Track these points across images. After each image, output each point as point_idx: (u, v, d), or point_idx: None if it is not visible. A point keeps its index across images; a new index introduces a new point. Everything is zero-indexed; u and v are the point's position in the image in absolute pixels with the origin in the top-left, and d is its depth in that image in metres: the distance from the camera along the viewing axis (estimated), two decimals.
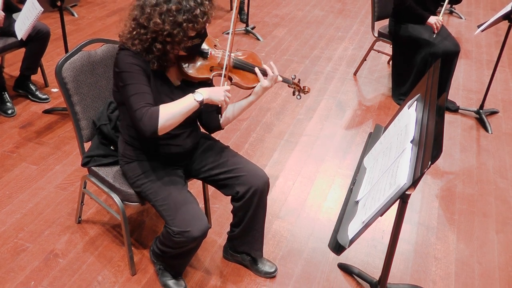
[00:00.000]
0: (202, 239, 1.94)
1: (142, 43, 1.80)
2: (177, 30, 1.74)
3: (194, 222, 1.87)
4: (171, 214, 1.90)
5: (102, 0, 5.64)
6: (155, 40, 1.78)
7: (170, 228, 1.88)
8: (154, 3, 1.74)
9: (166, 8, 1.73)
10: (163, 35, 1.75)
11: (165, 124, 1.76)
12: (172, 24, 1.73)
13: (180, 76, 1.96)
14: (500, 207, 2.90)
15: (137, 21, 1.79)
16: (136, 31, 1.80)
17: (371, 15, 4.03)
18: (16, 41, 3.30)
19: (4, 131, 3.23)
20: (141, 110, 1.76)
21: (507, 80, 4.44)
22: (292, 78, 2.16)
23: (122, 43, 1.86)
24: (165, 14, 1.73)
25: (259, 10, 5.68)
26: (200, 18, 1.75)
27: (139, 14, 1.78)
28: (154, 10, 1.74)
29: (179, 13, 1.73)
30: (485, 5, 6.46)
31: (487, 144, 3.49)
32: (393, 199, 1.39)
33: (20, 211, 2.59)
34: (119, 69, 1.82)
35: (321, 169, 3.12)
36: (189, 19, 1.74)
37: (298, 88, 2.18)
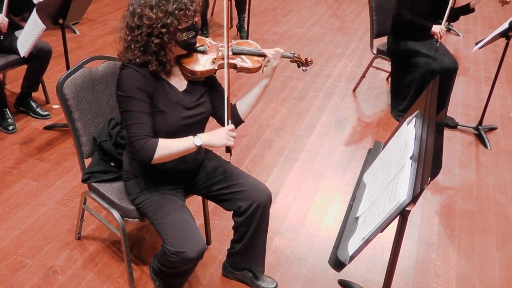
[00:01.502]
0: (198, 260, 1.92)
1: (139, 44, 1.81)
2: (170, 19, 1.77)
3: (190, 243, 1.85)
4: (167, 233, 1.89)
5: (103, 18, 5.69)
6: (151, 35, 1.79)
7: (167, 248, 1.87)
8: (142, 2, 1.79)
9: (155, 1, 1.77)
10: (158, 27, 1.78)
11: (159, 159, 1.84)
12: (164, 14, 1.77)
13: (185, 77, 1.97)
14: (501, 223, 2.89)
15: (130, 27, 1.82)
16: (131, 36, 1.82)
17: (370, 32, 4.07)
18: (18, 58, 3.32)
19: (5, 147, 3.23)
20: (138, 142, 1.81)
21: (505, 97, 4.46)
22: (292, 53, 2.16)
23: (122, 61, 1.88)
24: (156, 6, 1.77)
25: (259, 28, 5.74)
26: (189, 5, 1.80)
27: (130, 19, 1.82)
28: (144, 6, 1.78)
29: (169, 3, 1.77)
30: (483, 22, 6.52)
31: (486, 160, 3.49)
32: (393, 215, 1.39)
33: (19, 227, 2.58)
34: (120, 92, 1.84)
35: (321, 185, 3.12)
36: (179, 7, 1.78)
37: (301, 60, 2.17)
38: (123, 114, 1.85)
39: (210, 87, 2.06)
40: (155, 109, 1.88)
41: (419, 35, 3.72)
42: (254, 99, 2.10)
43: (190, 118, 1.95)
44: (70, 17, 3.19)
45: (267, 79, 2.08)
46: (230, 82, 1.97)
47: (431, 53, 3.68)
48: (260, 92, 2.09)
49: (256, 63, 2.05)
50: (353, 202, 1.80)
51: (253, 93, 2.10)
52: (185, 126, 1.94)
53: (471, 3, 3.63)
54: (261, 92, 2.09)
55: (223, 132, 1.87)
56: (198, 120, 1.99)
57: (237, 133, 1.93)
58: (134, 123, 1.82)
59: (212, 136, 1.86)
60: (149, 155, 1.81)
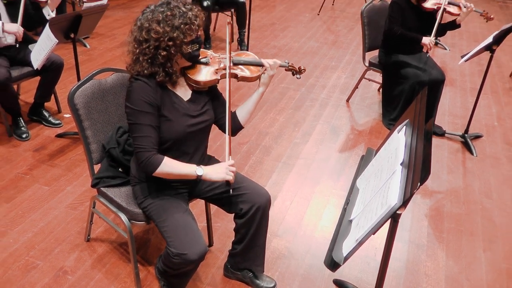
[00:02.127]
0: (199, 262, 1.91)
1: (147, 56, 1.82)
2: (176, 33, 1.78)
3: (192, 246, 1.85)
4: (170, 236, 1.89)
5: (112, 33, 5.71)
6: (158, 47, 1.80)
7: (170, 250, 1.86)
8: (150, 17, 1.80)
9: (162, 16, 1.78)
10: (164, 40, 1.79)
11: (160, 174, 1.87)
12: (171, 28, 1.78)
13: (190, 87, 1.98)
14: (486, 226, 2.89)
15: (138, 40, 1.83)
16: (139, 49, 1.83)
17: (362, 46, 4.08)
18: (31, 70, 3.33)
19: (19, 154, 3.23)
20: (144, 153, 1.83)
21: (489, 106, 4.47)
22: (287, 62, 2.19)
23: (131, 73, 1.88)
24: (163, 21, 1.78)
25: (258, 42, 5.75)
26: (194, 20, 1.82)
27: (138, 34, 1.83)
28: (152, 21, 1.79)
29: (175, 18, 1.79)
30: (468, 37, 6.55)
31: (473, 166, 3.49)
32: (384, 218, 1.39)
33: (32, 230, 2.57)
34: (130, 104, 1.84)
35: (317, 190, 3.11)
36: (185, 22, 1.80)
37: (295, 69, 2.21)
38: (131, 125, 1.86)
39: (213, 96, 2.07)
40: (162, 118, 1.89)
41: (409, 48, 3.74)
42: (252, 106, 2.12)
43: (195, 125, 1.96)
44: (81, 31, 3.20)
45: (263, 87, 2.10)
46: (231, 93, 1.97)
47: (420, 65, 3.69)
48: (258, 99, 2.11)
49: (255, 72, 2.08)
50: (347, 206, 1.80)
51: (251, 100, 2.12)
52: (191, 133, 1.95)
53: (457, 19, 3.65)
54: (258, 99, 2.11)
55: (223, 167, 1.90)
56: (202, 128, 2.00)
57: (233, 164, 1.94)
58: (141, 135, 1.84)
59: (213, 170, 1.90)
60: (152, 169, 1.84)
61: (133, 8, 6.81)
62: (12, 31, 3.15)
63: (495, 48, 3.40)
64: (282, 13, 7.09)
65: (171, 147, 1.95)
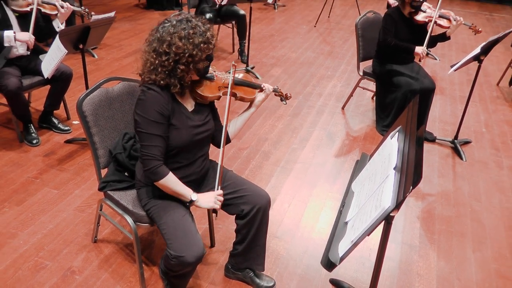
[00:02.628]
0: (196, 264, 1.90)
1: (165, 68, 1.82)
2: (196, 50, 1.80)
3: (189, 248, 1.84)
4: (170, 238, 1.89)
5: (119, 44, 5.72)
6: (178, 62, 1.81)
7: (169, 251, 1.86)
8: (172, 31, 1.79)
9: (185, 33, 1.78)
10: (185, 56, 1.79)
11: (160, 185, 1.91)
12: (192, 45, 1.79)
13: (194, 99, 2.00)
14: (476, 227, 2.88)
15: (157, 51, 1.82)
16: (158, 60, 1.82)
17: (357, 56, 4.09)
18: (42, 79, 3.34)
19: (29, 159, 3.23)
20: (151, 161, 1.85)
21: (478, 114, 4.47)
22: (276, 88, 2.28)
23: (144, 81, 1.87)
24: (185, 38, 1.78)
25: (258, 52, 5.77)
26: (211, 40, 1.84)
27: (158, 45, 1.81)
28: (174, 36, 1.78)
29: (196, 36, 1.80)
30: (457, 48, 6.56)
31: (462, 171, 3.49)
32: (378, 220, 1.39)
33: (41, 232, 2.57)
34: (141, 113, 1.83)
35: (314, 193, 3.11)
36: (204, 41, 1.81)
37: (282, 95, 2.32)
38: (141, 134, 1.85)
39: (212, 109, 2.10)
40: (171, 126, 1.89)
41: (401, 58, 3.75)
42: (241, 123, 2.16)
43: (200, 134, 1.97)
44: (89, 42, 3.21)
45: (254, 108, 2.17)
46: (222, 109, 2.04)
47: (412, 75, 3.70)
48: (248, 117, 2.18)
49: (251, 94, 2.14)
50: (342, 208, 1.80)
51: (241, 118, 2.16)
52: (196, 141, 1.97)
53: (447, 32, 3.66)
54: (248, 118, 2.18)
55: (212, 196, 1.95)
56: (206, 136, 2.02)
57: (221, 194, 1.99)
58: (151, 145, 1.84)
59: (203, 198, 1.95)
60: (157, 178, 1.87)
61: (139, 20, 6.83)
62: (24, 40, 3.15)
63: (483, 58, 3.41)
64: (281, 25, 7.11)
65: (178, 153, 1.95)
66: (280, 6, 8.32)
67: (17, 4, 3.20)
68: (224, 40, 5.98)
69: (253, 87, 2.15)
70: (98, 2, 7.68)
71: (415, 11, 3.61)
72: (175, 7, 7.46)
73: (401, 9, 3.65)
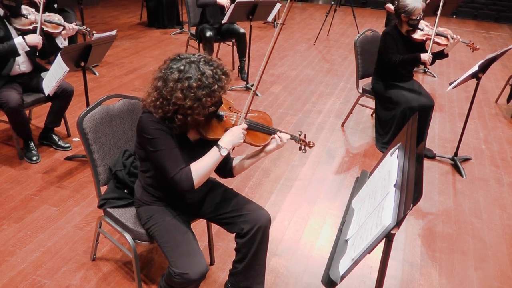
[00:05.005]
0: (200, 281, 1.88)
1: (165, 113, 1.78)
2: (197, 103, 1.74)
3: (193, 265, 1.82)
4: (172, 255, 1.87)
5: (120, 61, 5.77)
6: (177, 111, 1.76)
7: (172, 269, 1.84)
8: (176, 78, 1.74)
9: (187, 85, 1.72)
10: (184, 108, 1.74)
11: (199, 181, 1.82)
12: (193, 100, 1.73)
13: (197, 134, 1.94)
14: (477, 245, 2.86)
15: (160, 92, 1.77)
16: (159, 101, 1.77)
17: (356, 74, 4.12)
18: (43, 96, 3.35)
19: (29, 176, 3.22)
20: (175, 176, 1.78)
21: (477, 131, 4.48)
22: (299, 134, 2.08)
23: (145, 106, 1.85)
24: (187, 90, 1.72)
25: (257, 70, 5.80)
26: (217, 92, 1.76)
27: (162, 86, 1.77)
28: (176, 85, 1.73)
29: (199, 89, 1.73)
30: (455, 65, 6.62)
31: (462, 188, 3.48)
32: (379, 238, 1.38)
33: (39, 249, 2.54)
34: (148, 135, 1.79)
35: (314, 210, 3.09)
36: (208, 94, 1.74)
37: (304, 143, 2.11)
38: (154, 154, 1.80)
39: None
40: None
41: (400, 76, 3.77)
42: (248, 165, 2.08)
43: None
44: (91, 60, 3.23)
45: (264, 154, 2.02)
46: None
47: (410, 92, 3.72)
48: (255, 161, 2.06)
49: (262, 141, 1.98)
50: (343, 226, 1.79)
51: (249, 160, 2.06)
52: None
53: (445, 49, 3.69)
54: (256, 161, 2.06)
55: (239, 131, 1.83)
56: None
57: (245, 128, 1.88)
58: (170, 159, 1.79)
59: (232, 138, 1.82)
60: (189, 184, 1.79)
61: (140, 38, 6.90)
62: (34, 43, 3.18)
63: (481, 76, 3.43)
64: (280, 43, 7.18)
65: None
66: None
67: (20, 23, 3.24)
68: (224, 58, 6.03)
69: (266, 133, 1.98)
70: (100, 21, 7.78)
71: (413, 29, 3.65)
72: (176, 25, 7.55)
73: (399, 27, 3.69)
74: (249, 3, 4.68)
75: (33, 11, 3.33)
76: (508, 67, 6.58)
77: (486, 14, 10.15)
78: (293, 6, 10.56)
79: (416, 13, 3.54)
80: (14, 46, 3.10)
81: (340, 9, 9.44)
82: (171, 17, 7.53)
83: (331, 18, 7.80)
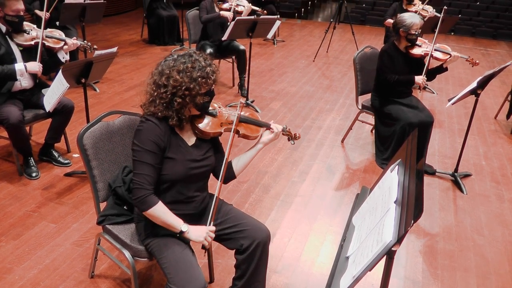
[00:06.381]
0: None
1: (163, 100, 1.86)
2: (193, 84, 1.83)
3: (191, 282, 1.81)
4: (171, 272, 1.86)
5: (120, 78, 5.81)
6: (175, 95, 1.84)
7: (170, 286, 1.83)
8: (172, 64, 1.86)
9: (183, 67, 1.84)
10: (182, 89, 1.83)
11: (149, 215, 1.88)
12: (189, 79, 1.83)
13: (195, 134, 2.00)
14: (479, 262, 2.84)
15: (156, 84, 1.87)
16: (157, 92, 1.87)
17: (355, 90, 4.14)
18: (43, 112, 3.37)
19: (28, 192, 3.21)
20: (140, 190, 1.84)
21: (477, 147, 4.49)
22: (284, 127, 2.24)
23: (144, 113, 1.91)
24: (183, 71, 1.83)
25: (257, 86, 5.84)
26: (211, 75, 1.87)
27: (158, 78, 1.87)
28: (173, 69, 1.84)
29: (194, 70, 1.84)
30: (454, 82, 6.66)
31: (463, 204, 3.46)
32: (380, 255, 1.37)
33: (37, 267, 2.52)
34: (137, 142, 1.86)
35: (314, 226, 3.08)
36: (202, 75, 1.85)
37: (291, 135, 2.26)
38: (135, 162, 1.87)
39: (214, 144, 2.10)
40: (166, 158, 1.90)
41: (399, 93, 3.80)
42: (248, 160, 2.16)
43: (197, 169, 1.97)
44: (92, 77, 3.25)
45: (262, 144, 2.16)
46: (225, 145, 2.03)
47: (410, 108, 3.73)
48: (254, 154, 2.16)
49: (255, 132, 2.12)
50: (343, 243, 1.78)
51: (247, 155, 2.15)
52: (192, 176, 1.97)
53: (444, 64, 3.72)
54: (255, 155, 2.17)
55: (204, 231, 1.92)
56: (203, 171, 2.02)
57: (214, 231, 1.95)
58: (142, 173, 1.85)
59: (194, 231, 1.91)
60: (145, 207, 1.85)
61: (141, 55, 6.96)
62: (34, 70, 3.22)
63: (480, 92, 3.45)
64: (280, 60, 7.24)
65: (173, 187, 1.94)
66: (279, 41, 8.50)
67: (21, 39, 3.28)
68: (225, 75, 6.07)
69: (258, 125, 2.13)
70: (101, 38, 7.85)
71: (411, 45, 3.69)
72: (176, 42, 7.62)
73: (397, 44, 3.73)
74: (249, 20, 4.73)
75: (34, 27, 3.37)
76: (506, 83, 6.62)
77: (484, 31, 10.26)
78: (292, 23, 10.67)
79: (414, 27, 3.58)
80: (14, 71, 3.15)
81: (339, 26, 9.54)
82: (171, 34, 7.60)
83: (330, 35, 7.87)
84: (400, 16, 3.65)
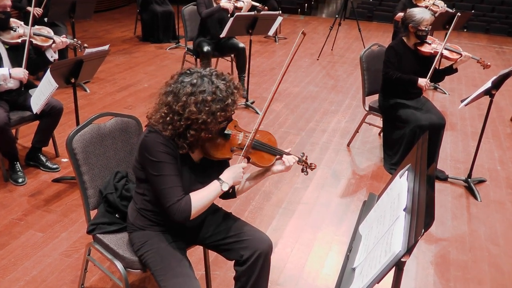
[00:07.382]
0: None
1: (176, 129, 1.79)
2: (211, 118, 1.76)
3: None
4: (167, 285, 1.85)
5: (112, 77, 5.82)
6: (189, 127, 1.78)
7: None
8: (189, 92, 1.76)
9: (202, 98, 1.75)
10: (198, 123, 1.76)
11: (196, 212, 1.85)
12: (207, 114, 1.75)
13: (202, 154, 1.96)
14: (494, 274, 2.83)
15: (170, 107, 1.79)
16: (169, 116, 1.79)
17: (362, 91, 4.15)
18: (31, 114, 3.37)
19: (14, 199, 3.21)
20: (174, 206, 1.80)
21: (492, 151, 4.49)
22: (301, 156, 2.15)
23: (152, 125, 1.86)
24: (201, 104, 1.75)
25: (258, 87, 5.85)
26: (230, 106, 1.81)
27: (172, 101, 1.79)
28: (190, 99, 1.75)
29: (214, 103, 1.76)
30: (466, 81, 6.67)
31: (477, 212, 3.46)
32: (388, 266, 1.36)
33: (24, 279, 2.52)
34: (153, 158, 1.80)
35: (318, 236, 3.07)
36: (222, 108, 1.78)
37: (306, 165, 2.18)
38: (155, 178, 1.82)
39: (221, 164, 2.04)
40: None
41: (408, 93, 3.80)
42: (252, 184, 2.12)
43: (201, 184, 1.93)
44: (82, 76, 3.26)
45: (270, 172, 2.08)
46: None
47: (420, 110, 3.74)
48: (259, 180, 2.11)
49: (267, 162, 2.04)
50: (349, 253, 1.77)
51: (254, 180, 2.11)
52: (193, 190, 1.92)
53: (453, 64, 3.73)
54: (260, 181, 2.12)
55: (239, 169, 1.91)
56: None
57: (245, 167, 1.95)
58: (168, 187, 1.81)
59: (234, 176, 1.90)
60: (186, 215, 1.81)
61: (134, 53, 6.98)
62: (19, 77, 3.23)
63: (494, 92, 3.46)
64: (282, 58, 7.25)
65: None
66: (281, 38, 8.52)
67: (8, 36, 3.29)
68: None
69: (272, 153, 2.04)
70: (92, 35, 7.88)
71: (421, 41, 3.70)
72: (172, 39, 7.64)
73: (406, 41, 3.74)
74: (249, 16, 4.74)
75: (21, 24, 3.38)
76: None
77: (499, 27, 10.28)
78: (295, 19, 10.71)
79: (424, 23, 3.59)
80: None
81: (344, 23, 9.57)
82: (166, 31, 7.62)
83: (335, 32, 7.89)
84: (410, 11, 3.66)
